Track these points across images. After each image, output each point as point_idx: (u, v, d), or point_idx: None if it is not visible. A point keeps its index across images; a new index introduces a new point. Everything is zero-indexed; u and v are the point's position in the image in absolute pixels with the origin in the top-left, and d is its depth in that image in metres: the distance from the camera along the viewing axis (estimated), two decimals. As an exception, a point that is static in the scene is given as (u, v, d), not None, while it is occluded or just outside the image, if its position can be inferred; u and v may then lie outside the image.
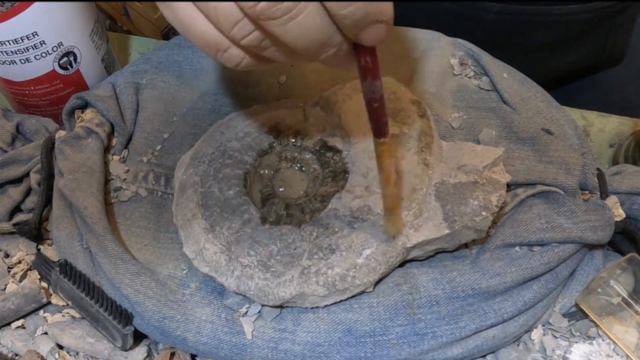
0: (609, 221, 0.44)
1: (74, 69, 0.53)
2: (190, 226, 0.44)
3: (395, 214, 0.40)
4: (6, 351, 0.45)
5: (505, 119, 0.49)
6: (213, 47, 0.32)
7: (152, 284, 0.43)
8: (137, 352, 0.44)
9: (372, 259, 0.41)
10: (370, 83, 0.33)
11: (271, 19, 0.29)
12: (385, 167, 0.37)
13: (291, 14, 0.29)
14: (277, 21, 0.29)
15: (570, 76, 0.71)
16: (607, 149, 0.55)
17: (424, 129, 0.45)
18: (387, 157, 0.37)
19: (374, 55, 0.33)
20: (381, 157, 0.37)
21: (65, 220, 0.46)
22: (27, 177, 0.50)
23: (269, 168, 0.47)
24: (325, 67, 0.53)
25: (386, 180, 0.38)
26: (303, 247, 0.42)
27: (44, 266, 0.47)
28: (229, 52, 0.33)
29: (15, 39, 0.48)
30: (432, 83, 0.52)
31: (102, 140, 0.50)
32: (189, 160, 0.47)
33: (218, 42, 0.32)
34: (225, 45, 0.32)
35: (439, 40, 0.54)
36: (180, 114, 0.52)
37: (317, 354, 0.41)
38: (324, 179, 0.46)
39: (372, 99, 0.34)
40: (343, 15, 0.29)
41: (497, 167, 0.44)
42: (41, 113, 0.55)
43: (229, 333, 0.42)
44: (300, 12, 0.29)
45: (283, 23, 0.29)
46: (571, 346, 0.43)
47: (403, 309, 0.42)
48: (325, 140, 0.47)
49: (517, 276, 0.42)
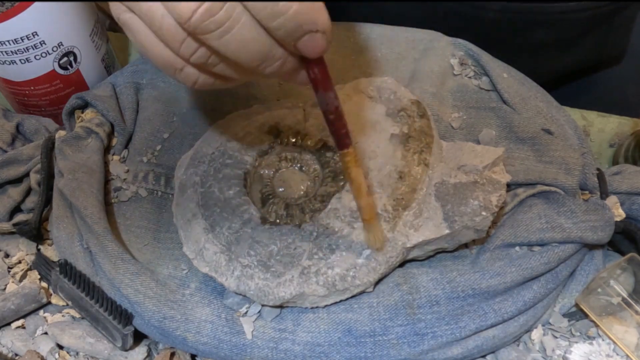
0: (609, 221, 0.44)
1: (74, 69, 0.53)
2: (190, 226, 0.44)
3: (373, 225, 0.39)
4: (6, 351, 0.45)
5: (505, 119, 0.49)
6: (170, 67, 0.33)
7: (152, 284, 0.43)
8: (137, 352, 0.44)
9: (372, 259, 0.41)
10: (322, 95, 0.33)
11: (206, 33, 0.30)
12: (354, 177, 0.37)
13: (225, 26, 0.30)
14: (213, 35, 0.30)
15: (570, 75, 0.71)
16: (607, 149, 0.55)
17: (424, 129, 0.45)
18: (353, 167, 0.36)
19: (322, 66, 0.33)
20: (347, 168, 0.36)
21: (65, 220, 0.46)
22: (27, 177, 0.50)
23: (269, 168, 0.47)
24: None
25: (357, 190, 0.37)
26: (303, 247, 0.42)
27: (44, 266, 0.47)
28: (185, 71, 0.33)
29: (15, 39, 0.48)
30: (432, 83, 0.52)
31: (102, 140, 0.50)
32: (189, 160, 0.47)
33: (173, 62, 0.33)
34: (180, 65, 0.33)
35: (439, 40, 0.54)
36: (180, 114, 0.52)
37: (317, 354, 0.41)
38: (324, 179, 0.46)
39: (327, 111, 0.33)
40: (274, 27, 0.30)
41: (497, 167, 0.44)
42: (41, 113, 0.55)
43: (229, 333, 0.42)
44: (234, 25, 0.30)
45: (219, 36, 0.30)
46: (571, 346, 0.43)
47: (403, 309, 0.42)
48: (325, 140, 0.47)
49: (517, 276, 0.42)
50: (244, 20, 0.30)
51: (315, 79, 0.32)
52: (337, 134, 0.35)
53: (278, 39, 0.31)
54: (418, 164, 0.43)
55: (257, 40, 0.31)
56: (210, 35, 0.30)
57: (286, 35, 0.30)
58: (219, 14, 0.29)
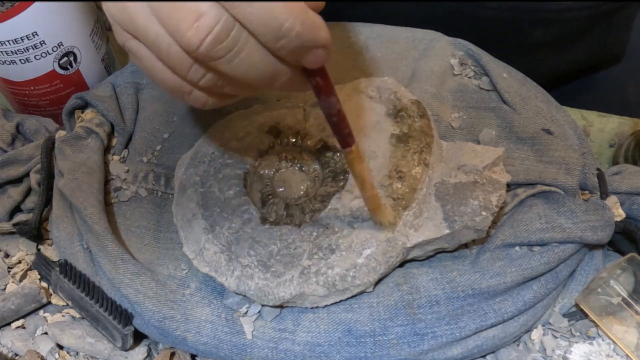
0: (609, 221, 0.44)
1: (74, 69, 0.53)
2: (190, 226, 0.44)
3: (380, 211, 0.41)
4: (6, 351, 0.45)
5: (505, 119, 0.49)
6: (178, 92, 0.34)
7: (152, 284, 0.43)
8: (137, 352, 0.44)
9: (372, 259, 0.41)
10: (325, 100, 0.34)
11: (216, 59, 0.31)
12: (358, 172, 0.38)
13: (233, 52, 0.31)
14: (223, 60, 0.31)
15: (569, 75, 0.71)
16: (607, 149, 0.55)
17: (424, 129, 0.45)
18: (357, 163, 0.38)
19: (324, 74, 0.34)
20: (352, 164, 0.38)
21: (65, 220, 0.46)
22: (27, 177, 0.50)
23: (269, 168, 0.47)
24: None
25: (362, 184, 0.39)
26: (303, 247, 0.42)
27: (44, 266, 0.47)
28: (193, 94, 0.34)
29: (15, 39, 0.48)
30: (432, 83, 0.52)
31: (102, 140, 0.50)
32: (189, 160, 0.47)
33: (180, 86, 0.34)
34: (188, 89, 0.34)
35: (439, 40, 0.54)
36: (180, 114, 0.52)
37: (317, 354, 0.41)
38: (324, 179, 0.46)
39: (330, 115, 0.35)
40: (278, 49, 0.31)
41: (497, 167, 0.44)
42: (41, 113, 0.55)
43: (229, 333, 0.42)
44: (242, 49, 0.31)
45: (229, 61, 0.31)
46: (571, 346, 0.43)
47: (403, 309, 0.42)
48: (325, 140, 0.47)
49: (517, 276, 0.42)
50: (250, 44, 0.31)
51: (318, 86, 0.34)
52: (340, 135, 0.36)
53: (282, 58, 0.32)
54: (418, 164, 0.44)
55: (264, 60, 0.32)
56: (220, 61, 0.31)
57: (289, 54, 0.31)
58: (227, 40, 0.30)
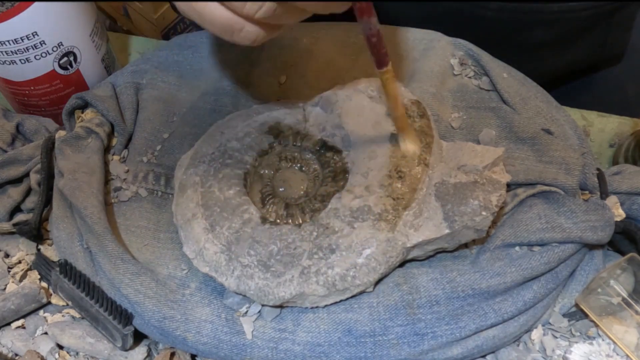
0: (609, 221, 0.44)
1: (74, 69, 0.53)
2: (190, 226, 0.44)
3: (408, 133, 0.44)
4: (6, 351, 0.45)
5: (505, 119, 0.49)
6: (229, 29, 0.35)
7: (152, 284, 0.43)
8: (137, 352, 0.44)
9: (372, 259, 0.41)
10: (367, 21, 0.37)
11: None
12: (391, 92, 0.41)
13: None
14: None
15: (569, 75, 0.71)
16: (607, 149, 0.55)
17: (424, 129, 0.45)
18: (391, 83, 0.41)
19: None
20: (386, 84, 0.41)
21: (65, 220, 0.46)
22: (27, 177, 0.50)
23: (269, 168, 0.47)
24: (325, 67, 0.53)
25: (394, 102, 0.42)
26: (303, 247, 0.42)
27: (44, 266, 0.47)
28: (245, 30, 0.35)
29: (15, 39, 0.48)
30: (432, 83, 0.52)
31: (102, 140, 0.50)
32: (189, 160, 0.47)
33: (233, 23, 0.35)
34: (240, 25, 0.35)
35: (439, 40, 0.54)
36: (180, 114, 0.52)
37: (317, 354, 0.41)
38: (324, 179, 0.46)
39: (370, 35, 0.37)
40: None
41: (497, 167, 0.44)
42: (41, 113, 0.55)
43: (229, 333, 0.42)
44: None
45: None
46: (571, 346, 0.43)
47: (403, 309, 0.42)
48: (325, 140, 0.47)
49: (517, 276, 0.42)
50: None
51: (361, 7, 0.36)
52: (379, 54, 0.39)
53: None
54: (418, 163, 0.44)
55: None
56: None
57: None
58: None
